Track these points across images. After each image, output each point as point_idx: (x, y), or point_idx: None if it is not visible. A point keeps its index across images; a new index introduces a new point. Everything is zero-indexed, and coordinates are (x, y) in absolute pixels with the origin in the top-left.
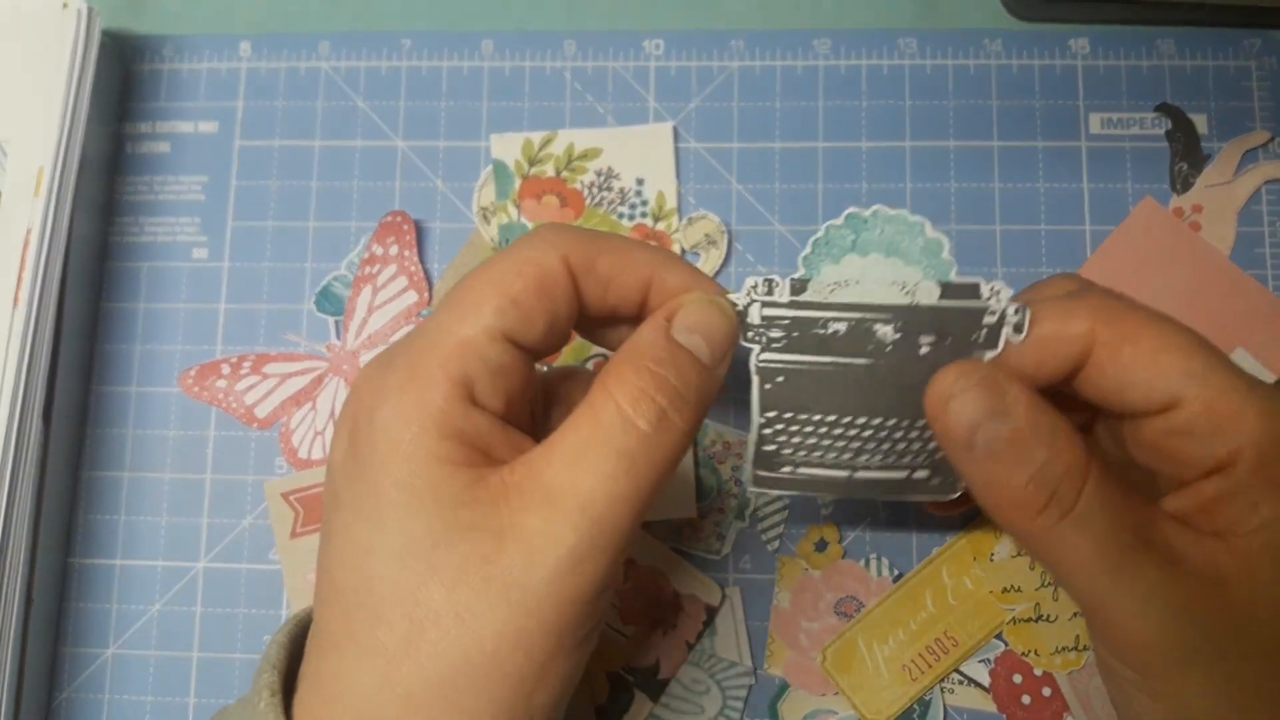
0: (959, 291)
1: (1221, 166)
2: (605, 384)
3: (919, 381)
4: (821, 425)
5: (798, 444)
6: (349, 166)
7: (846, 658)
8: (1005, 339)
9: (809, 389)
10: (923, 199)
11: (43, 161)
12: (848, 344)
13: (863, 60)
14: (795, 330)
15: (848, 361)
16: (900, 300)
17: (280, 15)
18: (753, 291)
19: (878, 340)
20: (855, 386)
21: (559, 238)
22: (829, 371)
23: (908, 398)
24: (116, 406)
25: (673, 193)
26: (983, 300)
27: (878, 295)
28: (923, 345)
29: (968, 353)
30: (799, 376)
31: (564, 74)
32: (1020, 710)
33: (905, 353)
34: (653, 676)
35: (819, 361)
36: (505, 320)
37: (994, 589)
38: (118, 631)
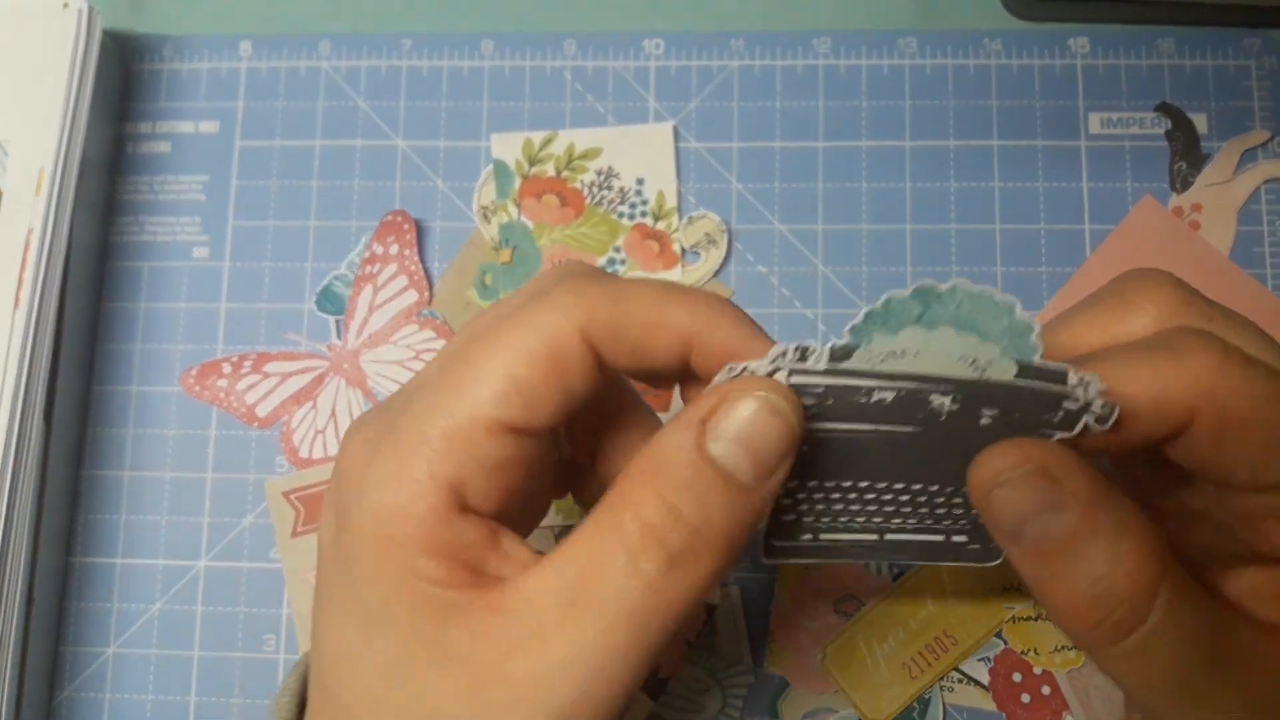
0: (1040, 374)
1: (1221, 166)
2: (615, 504)
3: (971, 448)
4: (851, 491)
5: (821, 511)
6: (349, 166)
7: (846, 656)
8: (1083, 425)
9: (840, 456)
10: (922, 198)
11: (43, 161)
12: (893, 413)
13: (863, 60)
14: (831, 399)
15: (891, 429)
16: (967, 374)
17: (280, 15)
18: (780, 360)
19: (930, 410)
20: (894, 453)
21: (577, 302)
22: (866, 439)
23: (954, 465)
24: (117, 406)
25: (673, 192)
26: (1068, 388)
27: (941, 368)
28: (984, 417)
29: (1036, 431)
30: (830, 444)
31: (564, 74)
32: (1020, 709)
33: (961, 423)
34: (653, 675)
35: (855, 429)
36: (507, 410)
37: (994, 588)
38: (118, 630)
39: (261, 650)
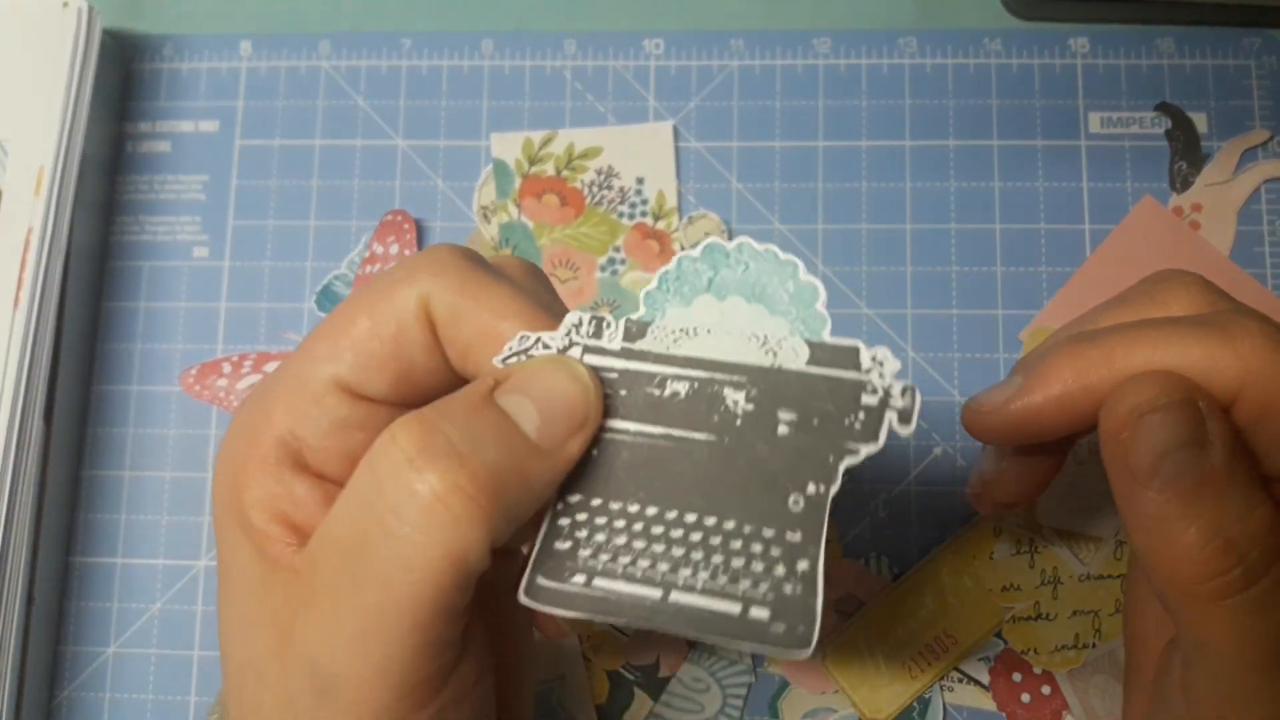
0: (833, 355)
1: (1221, 165)
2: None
3: (774, 473)
4: (638, 520)
5: (601, 543)
6: (349, 166)
7: (846, 656)
8: (888, 430)
9: (630, 468)
10: (922, 198)
11: (43, 161)
12: (688, 411)
13: (863, 60)
14: (624, 388)
15: (685, 435)
16: (760, 360)
17: (280, 15)
18: (574, 331)
19: (726, 410)
20: (690, 470)
21: (430, 281)
22: (660, 447)
23: (755, 493)
24: (117, 405)
25: (673, 191)
26: (862, 372)
27: (732, 350)
28: (781, 423)
29: (839, 443)
30: (620, 451)
31: (564, 74)
32: (1020, 708)
33: (759, 430)
34: (653, 674)
35: (648, 432)
36: (340, 368)
37: (993, 587)
38: (118, 630)
39: None
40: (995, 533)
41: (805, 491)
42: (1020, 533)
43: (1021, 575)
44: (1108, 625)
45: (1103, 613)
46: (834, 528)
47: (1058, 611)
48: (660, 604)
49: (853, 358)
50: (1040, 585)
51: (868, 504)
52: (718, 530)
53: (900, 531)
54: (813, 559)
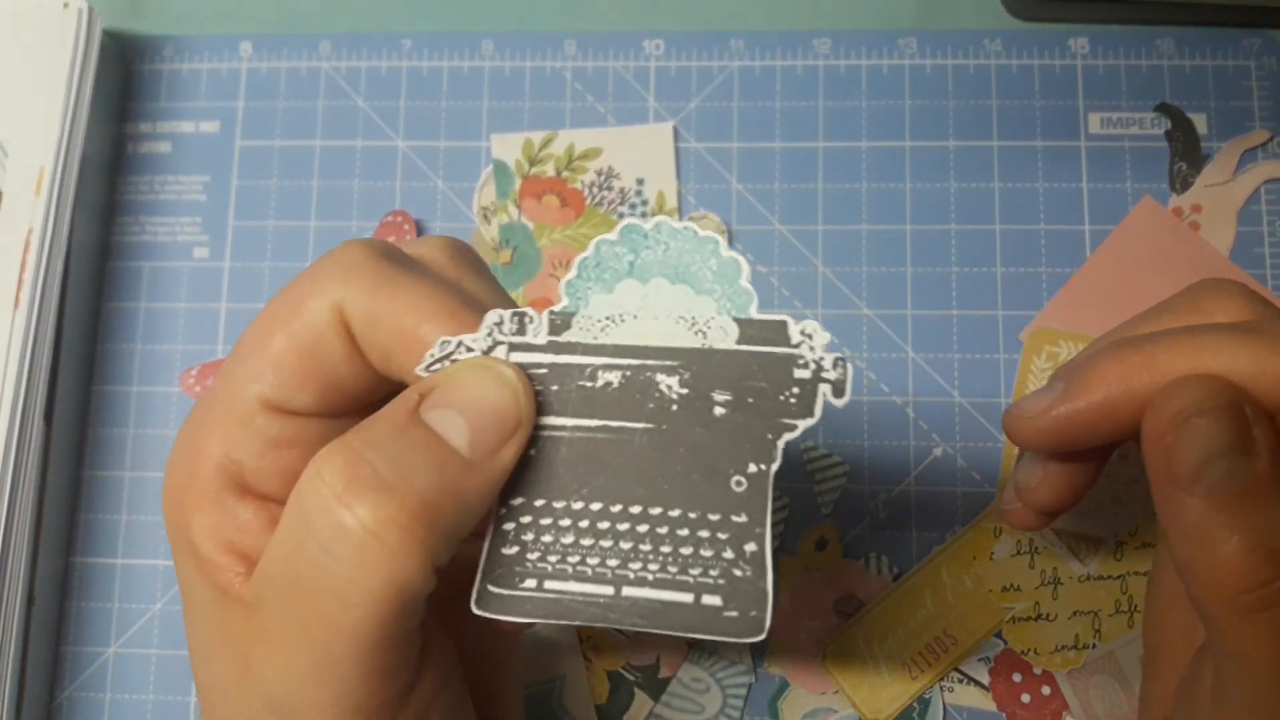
0: (762, 331)
1: (1221, 166)
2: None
3: (713, 457)
4: (583, 516)
5: (548, 544)
6: (349, 166)
7: (847, 656)
8: (821, 404)
9: (570, 465)
10: (922, 198)
11: (44, 161)
12: (622, 401)
13: (863, 60)
14: (555, 383)
15: (621, 425)
16: (689, 341)
17: (281, 15)
18: (497, 330)
19: (660, 396)
20: (631, 461)
21: (340, 286)
22: (598, 440)
23: (697, 478)
24: (118, 406)
25: (673, 192)
26: (792, 346)
27: (660, 335)
28: (717, 405)
29: (776, 420)
30: (558, 448)
31: (564, 74)
32: (1020, 709)
33: (695, 414)
34: (653, 675)
35: (584, 426)
36: (265, 386)
37: (993, 588)
38: (119, 630)
39: None
40: (995, 533)
41: (746, 471)
42: (1020, 534)
43: (1021, 576)
44: (1108, 625)
45: (1103, 613)
46: (780, 502)
47: (1058, 612)
48: (613, 600)
49: (782, 332)
50: (1040, 585)
51: (868, 504)
52: (664, 520)
53: (900, 532)
54: (760, 540)
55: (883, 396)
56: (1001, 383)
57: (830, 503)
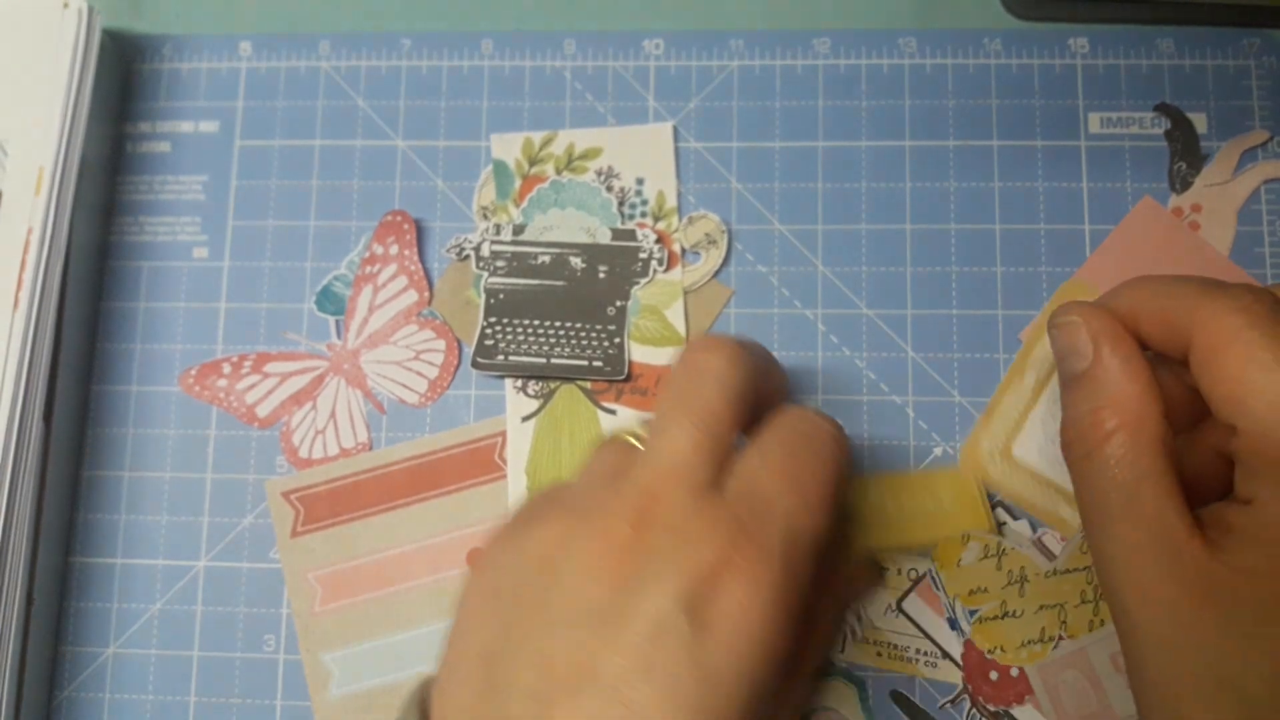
0: (623, 235)
1: (1220, 166)
2: None
3: (598, 297)
4: (528, 327)
5: (509, 339)
6: (349, 166)
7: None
8: (654, 270)
9: (521, 302)
10: (922, 198)
11: (43, 161)
12: (551, 270)
13: (862, 60)
14: (515, 261)
15: (550, 283)
16: (586, 240)
17: (280, 15)
18: (485, 233)
19: (571, 268)
20: (554, 300)
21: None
22: (536, 289)
23: (590, 308)
24: (117, 406)
25: (673, 192)
26: (638, 241)
27: (571, 235)
28: (600, 272)
29: (630, 279)
30: (515, 293)
31: (564, 74)
32: (986, 685)
33: (589, 276)
34: None
35: (530, 284)
36: None
37: (960, 593)
38: (118, 630)
39: (261, 650)
40: (963, 540)
41: (615, 304)
42: (987, 538)
43: (989, 578)
44: (1073, 617)
45: (1068, 605)
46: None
47: (1024, 608)
48: (546, 365)
49: (634, 235)
50: (1007, 585)
51: None
52: (572, 329)
53: None
54: (622, 338)
55: (883, 396)
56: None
57: None
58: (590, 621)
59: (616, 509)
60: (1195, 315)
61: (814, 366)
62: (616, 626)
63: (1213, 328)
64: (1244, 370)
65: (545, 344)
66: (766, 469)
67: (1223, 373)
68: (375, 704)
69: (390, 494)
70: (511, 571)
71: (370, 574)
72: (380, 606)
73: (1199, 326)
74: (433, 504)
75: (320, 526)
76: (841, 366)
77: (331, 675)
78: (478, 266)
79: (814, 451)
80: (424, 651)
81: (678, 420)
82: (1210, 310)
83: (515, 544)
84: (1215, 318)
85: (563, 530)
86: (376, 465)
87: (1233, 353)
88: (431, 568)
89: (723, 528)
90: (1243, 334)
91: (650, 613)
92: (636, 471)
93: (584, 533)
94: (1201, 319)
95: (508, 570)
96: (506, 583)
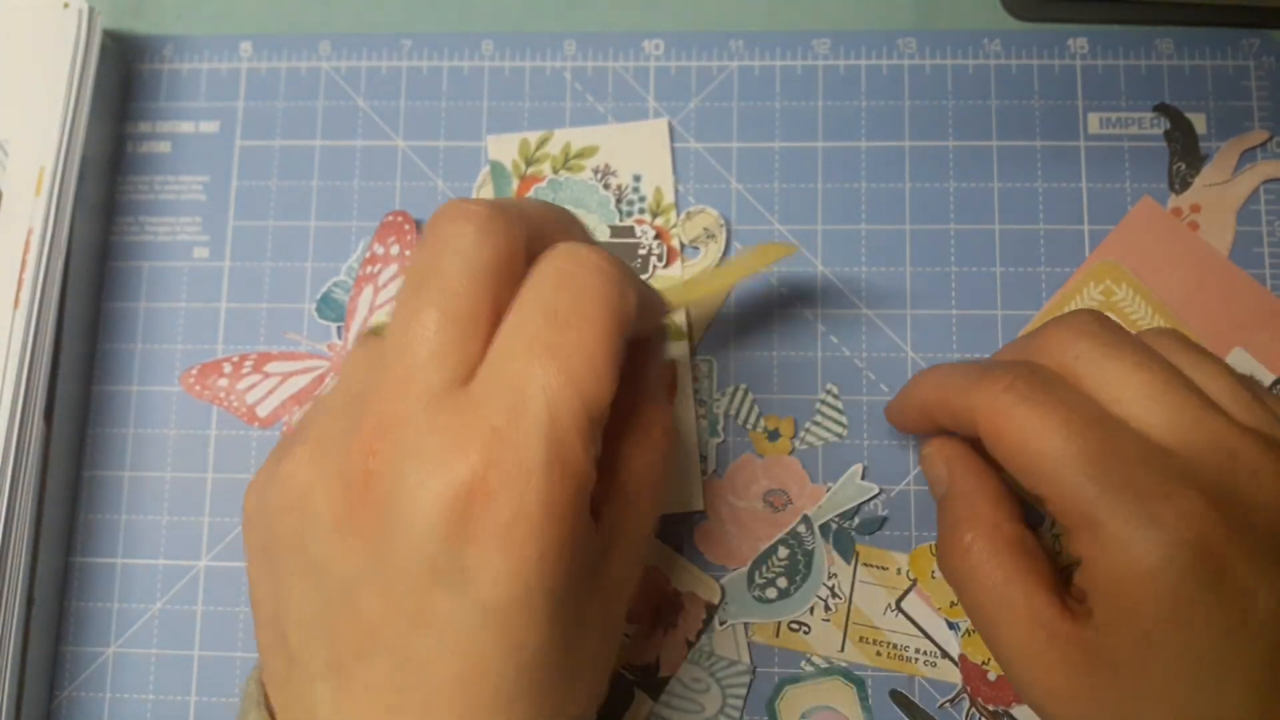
0: (622, 233)
1: (1220, 166)
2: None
3: None
4: None
5: None
6: (349, 166)
7: None
8: (653, 265)
9: None
10: (922, 198)
11: (43, 161)
12: None
13: (862, 60)
14: None
15: None
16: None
17: (281, 15)
18: None
19: None
20: None
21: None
22: None
23: None
24: (117, 406)
25: (670, 187)
26: (637, 238)
27: None
28: None
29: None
30: None
31: (564, 74)
32: (984, 685)
33: None
34: (653, 675)
35: None
36: None
37: (941, 605)
38: (119, 630)
39: None
40: (932, 551)
41: None
42: None
43: None
44: None
45: None
46: None
47: None
48: None
49: (632, 232)
50: None
51: (869, 504)
52: None
53: (901, 532)
54: None
55: (883, 396)
56: None
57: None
58: (355, 577)
59: (353, 442)
60: (972, 403)
61: (813, 367)
62: (383, 582)
63: (987, 412)
64: (1024, 443)
65: None
66: (523, 342)
67: (1009, 451)
68: None
69: None
70: (269, 523)
71: None
72: None
73: (977, 414)
74: None
75: None
76: (841, 366)
77: None
78: None
79: (577, 299)
80: None
81: (413, 310)
82: (981, 397)
83: (268, 489)
84: (987, 402)
85: (306, 471)
86: None
87: (1010, 430)
88: None
89: (472, 442)
90: (1014, 410)
91: (410, 557)
92: (369, 385)
93: (325, 475)
94: (976, 405)
95: (265, 522)
96: (267, 537)
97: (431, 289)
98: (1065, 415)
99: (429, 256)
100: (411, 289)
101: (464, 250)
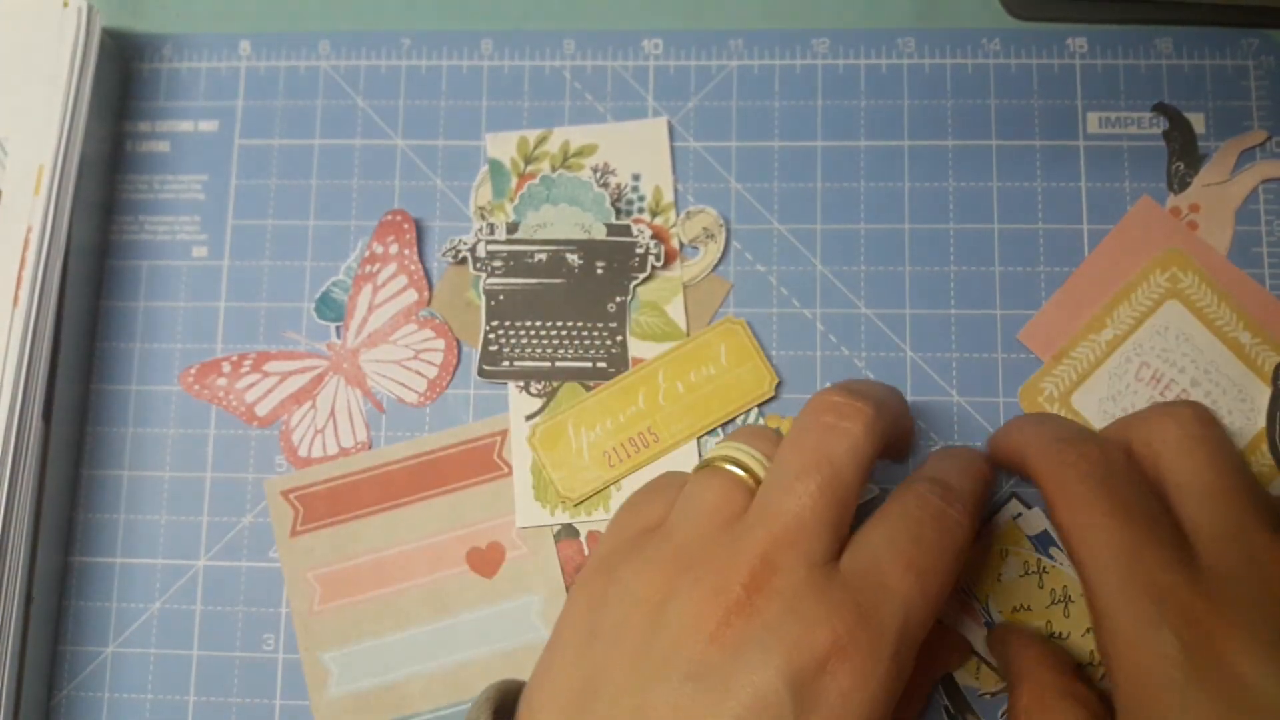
0: (618, 230)
1: (1219, 166)
2: None
3: (598, 294)
4: (529, 329)
5: (513, 343)
6: (349, 165)
7: (554, 439)
8: (651, 265)
9: (521, 304)
10: (921, 198)
11: (43, 160)
12: (548, 268)
13: (861, 60)
14: (511, 260)
15: (548, 281)
16: (582, 236)
17: (280, 14)
18: (479, 233)
19: (568, 265)
20: (553, 299)
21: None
22: (535, 289)
23: (590, 306)
24: (116, 405)
25: (669, 186)
26: (634, 237)
27: (567, 232)
28: (598, 268)
29: (628, 274)
30: (514, 293)
31: (563, 73)
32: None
33: (587, 274)
34: None
35: (529, 283)
36: None
37: (1003, 609)
38: (117, 630)
39: (260, 650)
40: (1001, 555)
41: (615, 300)
42: (1026, 554)
43: (1031, 596)
44: None
45: None
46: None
47: (1070, 630)
48: (551, 369)
49: (629, 231)
50: (1050, 605)
51: (869, 504)
52: (574, 328)
53: None
54: (623, 335)
55: None
56: (1000, 382)
57: None
58: (692, 681)
59: (731, 568)
60: (1039, 468)
61: (813, 366)
62: (719, 692)
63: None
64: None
65: (549, 347)
66: (891, 553)
67: (1057, 521)
68: (374, 703)
69: (389, 493)
70: (613, 610)
71: (369, 573)
72: (379, 606)
73: (1042, 479)
74: (432, 503)
75: (319, 526)
76: (840, 366)
77: (330, 674)
78: (475, 268)
79: (939, 540)
80: (422, 651)
81: (804, 480)
82: (1048, 464)
83: (619, 581)
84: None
85: (671, 577)
86: (375, 465)
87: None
88: (430, 567)
89: (840, 611)
90: (1073, 486)
91: (755, 684)
92: (753, 528)
93: (694, 585)
94: (1042, 471)
95: (609, 608)
96: (607, 621)
97: (824, 472)
98: (1109, 505)
99: (815, 441)
100: (803, 461)
101: (853, 445)
